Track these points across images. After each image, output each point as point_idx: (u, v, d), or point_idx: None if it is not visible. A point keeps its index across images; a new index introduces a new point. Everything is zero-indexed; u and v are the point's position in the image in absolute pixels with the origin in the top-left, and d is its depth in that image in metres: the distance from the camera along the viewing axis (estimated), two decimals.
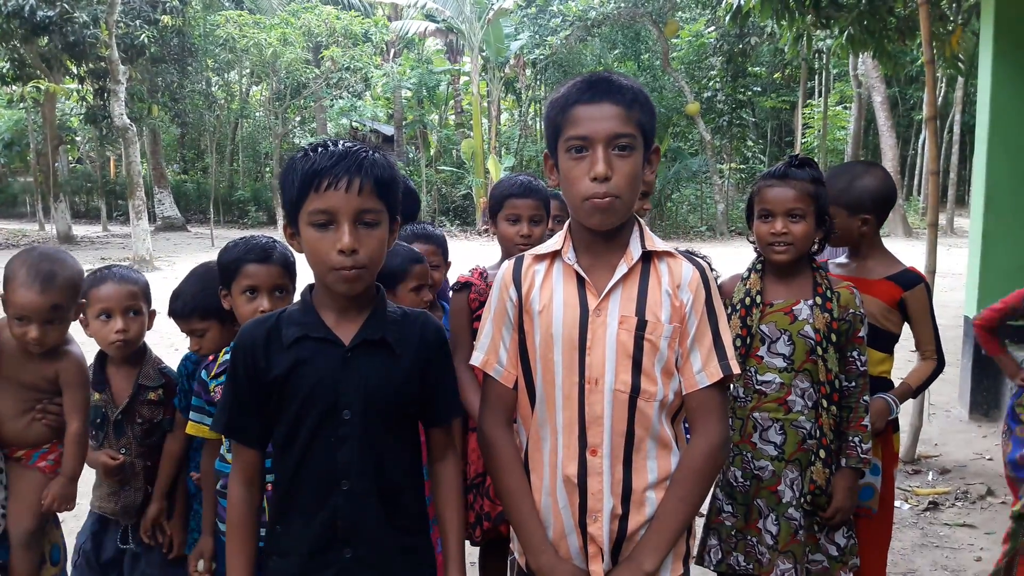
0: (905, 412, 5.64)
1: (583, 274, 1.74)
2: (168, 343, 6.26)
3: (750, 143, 25.74)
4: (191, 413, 2.38)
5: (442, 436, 1.86)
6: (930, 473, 4.96)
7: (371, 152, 1.64)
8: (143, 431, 2.57)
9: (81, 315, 2.40)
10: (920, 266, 3.00)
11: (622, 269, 1.72)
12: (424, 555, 1.82)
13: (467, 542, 2.91)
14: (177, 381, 2.60)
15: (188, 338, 2.56)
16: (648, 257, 1.75)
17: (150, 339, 2.70)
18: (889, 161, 22.58)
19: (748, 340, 2.40)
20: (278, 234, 2.11)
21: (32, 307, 2.19)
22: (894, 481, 2.82)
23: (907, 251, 18.18)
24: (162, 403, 2.60)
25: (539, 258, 1.82)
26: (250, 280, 2.25)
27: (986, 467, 5.05)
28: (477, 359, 1.85)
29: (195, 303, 2.49)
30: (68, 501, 2.36)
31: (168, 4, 19.88)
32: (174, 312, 2.54)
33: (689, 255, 1.83)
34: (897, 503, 4.47)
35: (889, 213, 2.88)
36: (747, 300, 2.43)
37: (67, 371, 2.33)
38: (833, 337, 2.34)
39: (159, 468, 2.56)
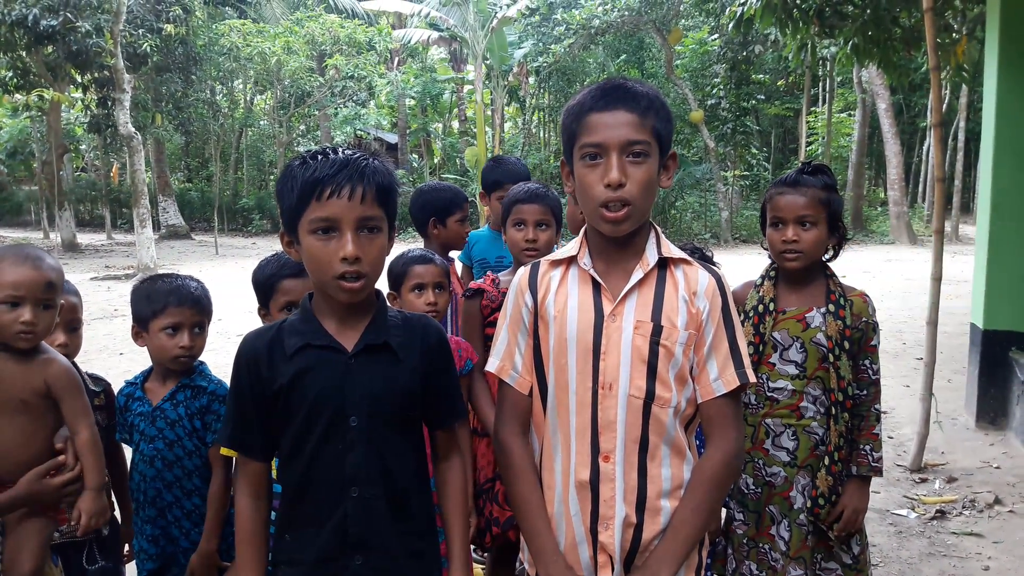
0: (912, 420, 5.62)
1: (599, 279, 1.73)
2: (99, 347, 5.76)
3: (754, 150, 25.71)
4: None
5: (446, 438, 1.87)
6: (937, 481, 4.93)
7: (371, 159, 1.64)
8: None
9: None
10: (926, 273, 2.99)
11: (638, 275, 1.71)
12: (432, 559, 1.81)
13: (478, 548, 2.90)
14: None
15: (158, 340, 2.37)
16: (664, 264, 1.74)
17: (89, 345, 2.58)
18: (894, 168, 22.58)
19: (761, 347, 2.39)
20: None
21: (27, 282, 2.07)
22: None
23: (912, 258, 18.16)
24: (105, 408, 2.51)
25: (555, 264, 1.81)
26: (288, 296, 2.33)
27: (993, 475, 5.01)
28: (493, 365, 1.83)
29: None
30: (102, 515, 2.21)
31: (172, 13, 19.94)
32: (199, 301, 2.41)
33: (704, 263, 1.83)
34: (904, 512, 4.45)
35: None
36: (760, 307, 2.43)
37: (58, 377, 2.16)
38: (846, 345, 2.33)
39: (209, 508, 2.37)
